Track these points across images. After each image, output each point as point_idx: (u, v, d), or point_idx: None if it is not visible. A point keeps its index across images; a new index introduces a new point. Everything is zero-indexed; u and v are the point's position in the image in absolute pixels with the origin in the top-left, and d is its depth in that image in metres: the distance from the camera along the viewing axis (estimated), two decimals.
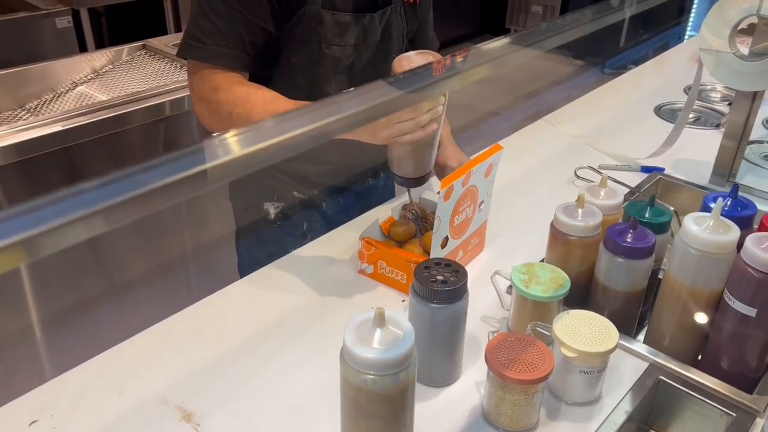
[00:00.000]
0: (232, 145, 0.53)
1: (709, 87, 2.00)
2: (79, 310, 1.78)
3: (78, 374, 0.93)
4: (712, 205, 0.94)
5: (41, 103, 1.95)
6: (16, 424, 0.85)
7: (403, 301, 1.09)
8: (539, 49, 0.86)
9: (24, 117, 1.86)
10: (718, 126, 1.77)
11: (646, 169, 1.51)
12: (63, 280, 1.80)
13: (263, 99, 1.08)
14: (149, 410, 0.88)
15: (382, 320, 0.67)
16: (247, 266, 1.17)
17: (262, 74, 1.18)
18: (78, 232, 0.42)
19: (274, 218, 1.37)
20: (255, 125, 0.55)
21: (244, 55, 1.12)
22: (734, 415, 0.88)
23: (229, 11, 1.08)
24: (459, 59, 0.76)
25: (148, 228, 1.97)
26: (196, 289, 1.08)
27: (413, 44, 1.38)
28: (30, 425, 0.84)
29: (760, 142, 1.67)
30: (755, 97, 1.35)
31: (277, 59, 1.18)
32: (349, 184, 1.41)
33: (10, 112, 1.89)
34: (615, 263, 0.98)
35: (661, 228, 1.05)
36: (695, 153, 1.59)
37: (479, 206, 1.14)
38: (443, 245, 1.06)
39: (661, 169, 1.51)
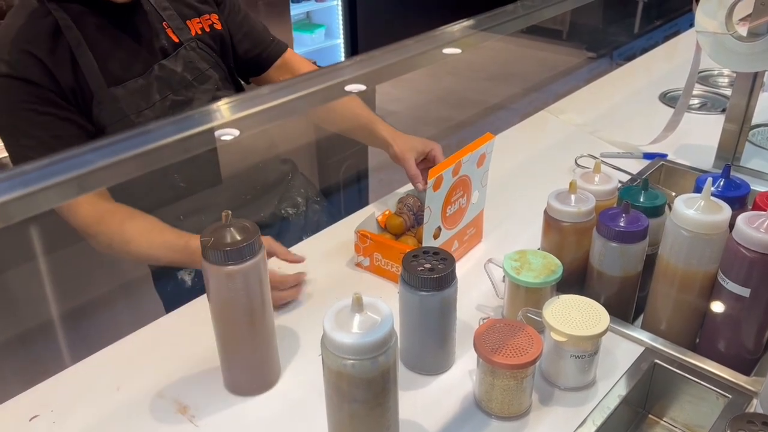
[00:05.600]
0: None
1: (716, 72, 1.96)
2: (92, 308, 1.82)
3: (77, 371, 0.95)
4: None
5: None
6: (16, 419, 0.87)
7: (399, 292, 1.09)
8: (536, 20, 0.87)
9: None
10: (724, 111, 1.75)
11: (648, 156, 1.50)
12: (77, 280, 1.84)
13: (140, 229, 1.10)
14: (146, 404, 0.89)
15: (359, 306, 0.68)
16: None
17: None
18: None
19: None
20: None
21: None
22: (730, 396, 0.87)
23: (44, 148, 1.03)
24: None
25: None
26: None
27: (255, 57, 1.32)
28: (30, 420, 0.87)
29: (767, 125, 1.65)
30: (756, 78, 1.33)
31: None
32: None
33: None
34: (608, 248, 0.98)
35: (656, 212, 1.04)
36: (700, 138, 1.57)
37: (473, 196, 1.14)
38: (436, 236, 1.06)
39: (664, 155, 1.49)
